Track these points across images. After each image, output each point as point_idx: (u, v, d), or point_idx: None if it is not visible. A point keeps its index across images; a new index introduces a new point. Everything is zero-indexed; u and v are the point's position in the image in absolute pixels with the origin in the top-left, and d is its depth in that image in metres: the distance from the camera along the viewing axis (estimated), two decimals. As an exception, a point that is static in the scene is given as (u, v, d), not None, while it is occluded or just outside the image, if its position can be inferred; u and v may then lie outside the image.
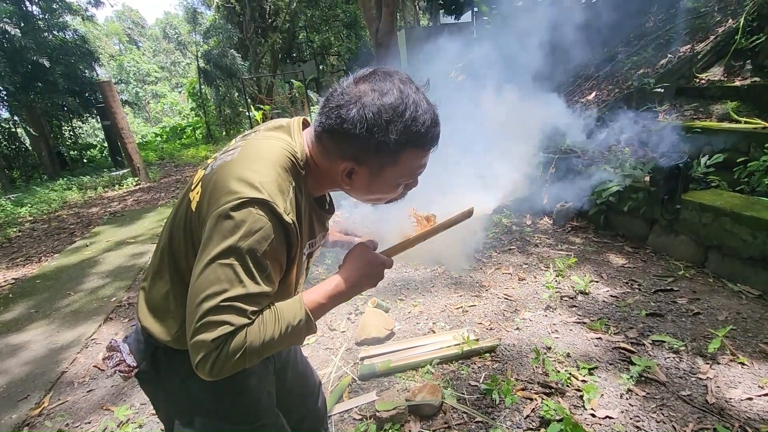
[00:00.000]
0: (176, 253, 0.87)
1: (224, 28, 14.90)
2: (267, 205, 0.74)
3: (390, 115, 0.78)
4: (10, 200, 8.25)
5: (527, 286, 2.95)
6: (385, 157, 0.82)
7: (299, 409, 1.24)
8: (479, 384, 2.04)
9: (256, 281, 0.74)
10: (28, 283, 4.08)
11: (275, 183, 0.77)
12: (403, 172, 0.86)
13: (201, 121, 15.40)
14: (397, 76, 0.82)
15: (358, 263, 0.91)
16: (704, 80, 4.34)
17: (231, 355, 0.71)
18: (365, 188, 0.89)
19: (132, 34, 35.52)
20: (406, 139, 0.80)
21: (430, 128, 0.82)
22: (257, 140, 0.86)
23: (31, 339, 2.98)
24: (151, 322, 0.91)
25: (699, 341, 2.19)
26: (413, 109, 0.79)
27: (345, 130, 0.79)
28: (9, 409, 2.26)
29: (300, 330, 0.80)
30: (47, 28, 11.70)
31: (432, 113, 0.83)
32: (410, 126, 0.79)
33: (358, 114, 0.78)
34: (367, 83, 0.80)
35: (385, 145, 0.80)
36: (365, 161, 0.83)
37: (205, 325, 0.71)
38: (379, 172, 0.85)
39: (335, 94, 0.81)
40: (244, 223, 0.72)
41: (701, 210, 2.88)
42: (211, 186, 0.79)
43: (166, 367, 0.92)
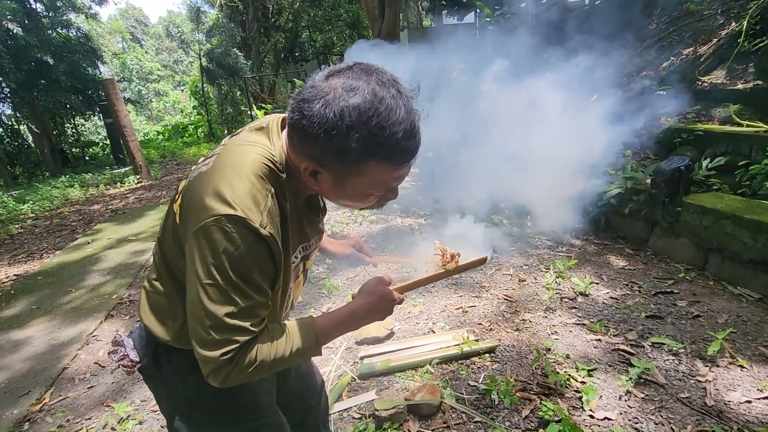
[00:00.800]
0: (169, 260, 0.88)
1: (227, 27, 14.92)
2: (241, 221, 0.71)
3: (353, 119, 0.69)
4: (13, 197, 8.27)
5: (527, 287, 2.96)
6: (347, 165, 0.74)
7: (301, 408, 1.25)
8: (478, 384, 2.04)
9: (246, 295, 0.74)
10: (29, 280, 4.10)
11: (249, 195, 0.73)
12: (371, 184, 0.78)
13: (203, 119, 15.43)
14: (376, 75, 0.73)
15: (373, 297, 0.92)
16: (707, 83, 4.34)
17: (244, 369, 0.74)
18: (332, 193, 0.83)
19: (135, 32, 35.58)
20: (371, 150, 0.71)
21: (402, 141, 0.72)
22: (233, 146, 0.82)
23: (33, 335, 2.99)
24: (152, 320, 0.92)
25: (698, 344, 2.20)
26: (384, 116, 0.70)
27: (304, 127, 0.72)
28: (10, 405, 2.27)
29: (307, 352, 0.84)
30: (51, 25, 11.74)
31: (408, 124, 0.72)
32: (376, 135, 0.70)
33: (319, 112, 0.70)
34: (339, 78, 0.72)
35: (345, 153, 0.72)
36: (327, 165, 0.76)
37: (208, 343, 0.73)
38: (343, 181, 0.78)
39: (306, 86, 0.75)
40: (221, 241, 0.71)
41: (702, 213, 2.88)
42: (188, 199, 0.78)
43: (167, 364, 0.93)
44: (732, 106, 3.83)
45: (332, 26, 18.38)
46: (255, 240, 0.73)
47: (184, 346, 0.90)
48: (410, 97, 0.76)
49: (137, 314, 0.99)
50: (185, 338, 0.89)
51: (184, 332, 0.88)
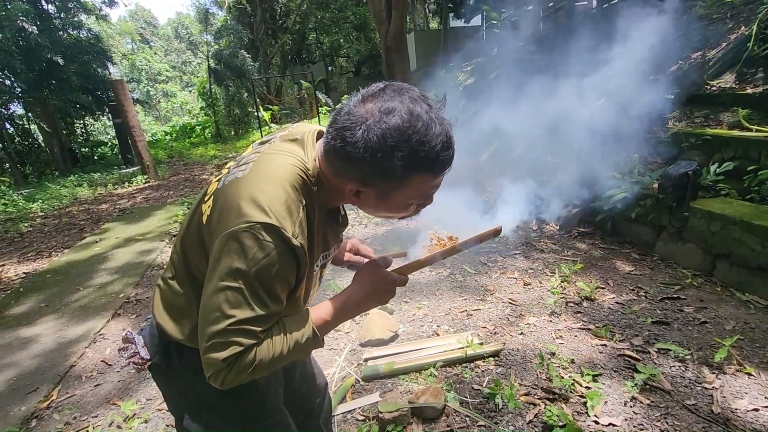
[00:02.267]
0: (190, 261, 0.89)
1: (235, 29, 15.04)
2: (275, 229, 0.73)
3: (396, 139, 0.73)
4: (22, 195, 8.38)
5: (532, 291, 2.95)
6: (392, 182, 0.79)
7: (305, 409, 1.25)
8: (482, 388, 2.04)
9: (264, 304, 0.76)
10: (38, 278, 4.15)
11: (284, 205, 0.76)
12: (413, 194, 0.83)
13: (210, 120, 15.54)
14: (408, 94, 0.76)
15: (366, 282, 0.92)
16: (715, 87, 4.31)
17: (242, 371, 0.75)
18: (374, 208, 0.87)
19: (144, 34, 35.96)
20: (414, 164, 0.76)
21: (441, 152, 0.76)
22: (269, 155, 0.84)
23: (41, 332, 3.03)
24: (166, 319, 0.93)
25: (705, 350, 2.18)
26: (423, 132, 0.74)
27: (349, 153, 0.76)
28: (18, 401, 2.30)
29: (306, 345, 0.83)
30: (62, 26, 11.91)
31: (444, 136, 0.76)
32: (418, 151, 0.74)
33: (362, 137, 0.74)
34: (374, 102, 0.76)
35: (390, 171, 0.76)
36: (372, 184, 0.80)
37: (215, 345, 0.74)
38: (387, 195, 0.82)
39: (342, 113, 0.78)
40: (252, 248, 0.72)
41: (710, 218, 2.86)
42: (221, 203, 0.79)
43: (178, 363, 0.94)
44: (741, 110, 3.80)
45: (339, 28, 18.46)
46: (285, 250, 0.75)
47: (197, 346, 0.91)
48: (440, 109, 0.79)
49: (151, 312, 1.00)
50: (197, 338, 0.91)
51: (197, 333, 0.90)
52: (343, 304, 0.90)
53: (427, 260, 0.99)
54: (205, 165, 10.36)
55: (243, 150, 3.48)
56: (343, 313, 0.90)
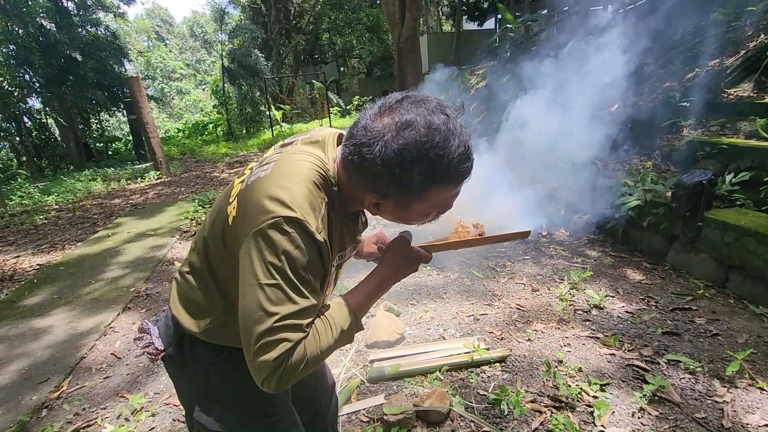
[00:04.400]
0: (212, 259, 0.90)
1: (249, 29, 15.19)
2: (300, 223, 0.74)
3: (414, 154, 0.73)
4: (38, 188, 8.56)
5: (540, 298, 2.93)
6: (410, 195, 0.79)
7: (311, 407, 1.26)
8: (488, 393, 2.03)
9: (304, 296, 0.76)
10: (52, 270, 4.22)
11: (307, 200, 0.76)
12: (432, 205, 0.83)
13: (222, 118, 15.70)
14: (425, 106, 0.75)
15: (397, 259, 0.93)
16: (733, 96, 4.24)
17: (294, 368, 0.74)
18: (393, 217, 0.88)
19: (160, 32, 36.46)
20: (433, 177, 0.76)
21: (459, 165, 0.76)
22: (290, 155, 0.85)
23: (54, 324, 3.09)
24: (182, 313, 0.95)
25: (717, 363, 2.14)
26: (441, 145, 0.73)
27: (367, 168, 0.76)
28: (30, 391, 2.35)
29: (350, 332, 0.85)
30: (81, 23, 12.13)
31: (463, 147, 0.75)
32: (436, 164, 0.74)
33: (380, 153, 0.73)
34: (391, 116, 0.75)
35: (409, 185, 0.76)
36: (390, 197, 0.80)
37: (264, 346, 0.72)
38: (407, 206, 0.82)
39: (359, 127, 0.78)
40: (281, 241, 0.73)
41: (724, 228, 2.82)
42: (245, 203, 0.80)
43: (191, 355, 0.96)
44: (759, 120, 3.73)
45: (352, 29, 18.53)
46: (311, 243, 0.76)
47: (211, 340, 0.93)
48: (458, 117, 0.78)
49: (167, 304, 1.01)
50: (213, 333, 0.92)
51: (214, 327, 0.92)
52: (377, 284, 0.90)
53: (453, 244, 1.00)
54: (216, 163, 10.47)
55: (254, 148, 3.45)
56: (379, 291, 0.91)
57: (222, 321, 0.92)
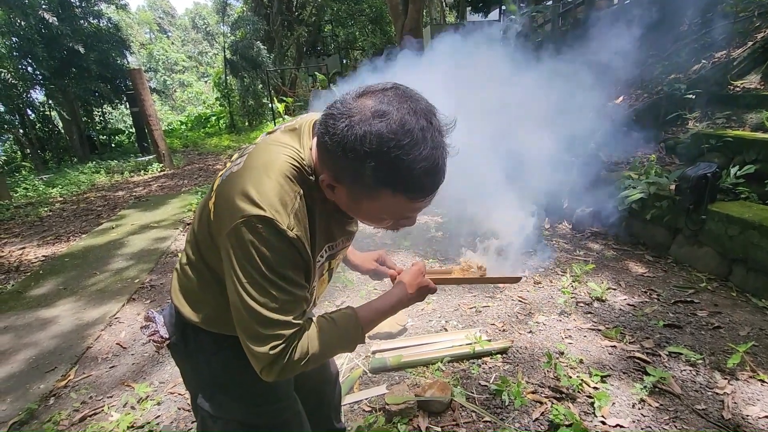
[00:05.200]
0: (203, 252, 0.91)
1: (251, 20, 15.09)
2: (269, 221, 0.73)
3: (374, 146, 0.67)
4: (42, 181, 8.59)
5: (542, 290, 2.94)
6: (361, 188, 0.75)
7: (315, 396, 1.28)
8: (489, 384, 2.04)
9: (284, 290, 0.76)
10: (57, 261, 4.26)
11: (277, 197, 0.75)
12: (383, 210, 0.79)
13: (225, 111, 15.67)
14: (410, 103, 0.70)
15: (413, 289, 0.98)
16: (739, 88, 4.20)
17: (296, 362, 0.77)
18: (347, 207, 0.83)
19: (162, 24, 36.30)
20: (385, 178, 0.71)
21: (420, 177, 0.71)
22: (263, 146, 0.84)
23: (60, 314, 3.12)
24: (182, 303, 0.97)
25: (718, 355, 2.15)
26: (407, 149, 0.68)
27: (325, 142, 0.73)
28: (38, 380, 2.38)
29: (352, 342, 0.89)
30: (83, 15, 12.09)
31: (431, 161, 0.70)
32: (393, 167, 0.69)
33: (341, 131, 0.69)
34: (371, 99, 0.71)
35: (359, 176, 0.71)
36: (342, 182, 0.76)
37: (257, 339, 0.76)
38: (358, 200, 0.78)
39: (337, 101, 0.74)
40: (253, 241, 0.73)
41: (728, 222, 2.81)
42: (220, 200, 0.80)
43: (194, 344, 0.98)
44: (765, 112, 3.70)
45: (355, 21, 18.38)
46: (283, 239, 0.75)
47: (212, 329, 0.95)
48: (441, 131, 0.73)
49: (170, 294, 1.04)
50: (213, 322, 0.94)
51: (213, 317, 0.93)
52: (390, 306, 0.95)
53: (456, 280, 1.16)
54: (219, 155, 10.47)
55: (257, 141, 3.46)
56: (388, 313, 0.95)
57: (220, 310, 0.92)
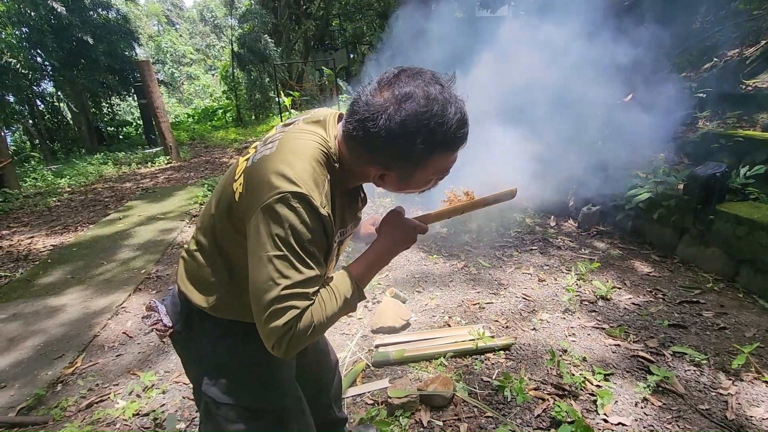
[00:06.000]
0: (219, 236, 0.93)
1: (259, 14, 15.05)
2: (305, 198, 0.77)
3: (416, 124, 0.77)
4: (51, 171, 8.67)
5: (547, 288, 2.93)
6: (414, 165, 0.84)
7: (316, 384, 1.30)
8: (492, 380, 2.05)
9: (309, 266, 0.79)
10: (65, 251, 4.31)
11: (311, 177, 0.80)
12: (433, 172, 0.88)
13: (232, 104, 15.69)
14: (421, 78, 0.80)
15: (393, 231, 0.97)
16: (751, 87, 4.14)
17: (303, 333, 0.78)
18: (396, 187, 0.92)
19: (170, 16, 36.31)
20: (434, 145, 0.80)
21: (457, 131, 0.81)
22: (294, 133, 0.88)
23: (67, 303, 3.16)
24: (191, 289, 0.98)
25: (723, 356, 2.14)
26: (440, 113, 0.78)
27: (372, 142, 0.80)
28: (46, 366, 2.42)
29: (353, 300, 0.89)
30: (92, 6, 12.10)
31: (460, 113, 0.81)
32: (436, 132, 0.78)
33: (385, 127, 0.78)
34: (390, 90, 0.79)
35: (412, 154, 0.81)
36: (394, 167, 0.85)
37: (274, 313, 0.77)
38: (409, 175, 0.87)
39: (360, 103, 0.81)
40: (288, 215, 0.77)
41: (736, 222, 2.78)
42: (252, 179, 0.83)
43: (199, 330, 1.00)
44: (777, 112, 3.65)
45: (363, 15, 18.28)
46: (316, 217, 0.79)
47: (219, 315, 0.97)
48: (450, 86, 0.82)
49: (175, 282, 1.05)
50: (221, 308, 0.95)
51: (221, 302, 0.95)
52: (376, 255, 0.95)
53: (445, 212, 1.02)
54: (225, 148, 10.51)
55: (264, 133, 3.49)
56: (377, 263, 0.95)
57: (229, 296, 0.95)
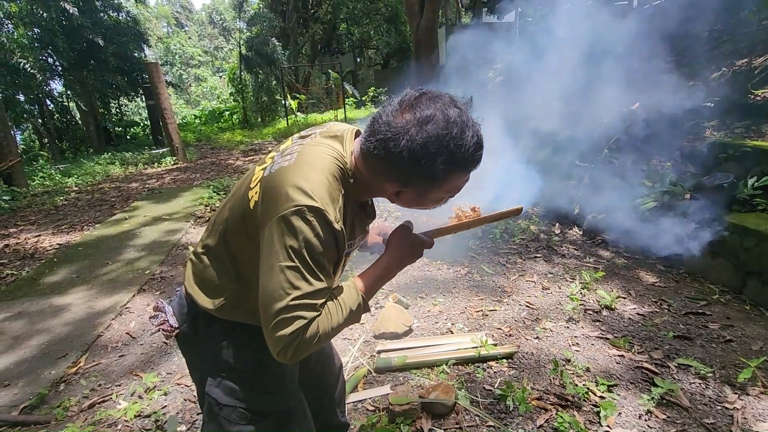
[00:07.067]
0: (230, 241, 0.95)
1: (268, 17, 15.18)
2: (320, 212, 0.80)
3: (436, 146, 0.80)
4: (59, 170, 8.76)
5: (551, 296, 2.91)
6: (432, 183, 0.87)
7: (319, 388, 1.30)
8: (494, 389, 2.04)
9: (319, 278, 0.82)
10: (71, 250, 4.34)
11: (327, 191, 0.82)
12: (448, 190, 0.91)
13: (238, 106, 15.79)
14: (441, 101, 0.83)
15: (401, 246, 1.00)
16: (759, 97, 4.11)
17: (308, 342, 0.80)
18: (411, 204, 0.95)
19: (180, 18, 36.69)
20: (452, 166, 0.84)
21: (474, 153, 0.85)
22: (312, 147, 0.90)
23: (72, 302, 3.18)
24: (197, 291, 0.99)
25: (729, 369, 2.11)
26: (459, 136, 0.81)
27: (394, 161, 0.83)
28: (49, 365, 2.43)
29: (359, 312, 0.92)
30: (103, 8, 12.28)
31: (477, 137, 0.84)
32: (456, 153, 0.82)
33: (406, 148, 0.80)
34: (412, 112, 0.82)
35: (432, 174, 0.84)
36: (412, 185, 0.88)
37: (281, 322, 0.79)
38: (425, 193, 0.90)
39: (381, 122, 0.84)
40: (302, 228, 0.79)
41: (744, 233, 2.75)
42: (269, 189, 0.85)
43: (204, 332, 1.01)
44: (786, 123, 3.62)
45: (370, 20, 18.39)
46: (330, 231, 0.82)
47: (225, 317, 0.98)
48: (467, 110, 0.86)
49: (182, 284, 1.06)
50: (227, 310, 0.97)
51: (228, 305, 0.97)
52: (383, 269, 0.97)
53: (452, 228, 1.07)
54: (231, 150, 10.56)
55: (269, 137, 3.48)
56: (384, 277, 0.98)
57: (235, 298, 0.97)
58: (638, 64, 4.11)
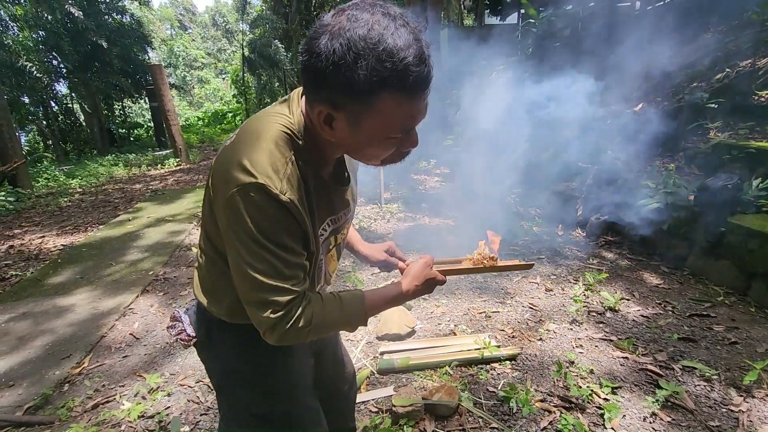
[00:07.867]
0: (212, 237, 0.92)
1: (270, 19, 15.24)
2: (262, 188, 0.74)
3: (360, 47, 0.66)
4: (63, 171, 8.81)
5: (554, 298, 2.90)
6: (359, 101, 0.71)
7: (331, 393, 1.28)
8: (497, 390, 2.03)
9: (279, 257, 0.78)
10: (75, 251, 4.36)
11: (268, 163, 0.76)
12: (386, 122, 0.75)
13: (241, 108, 15.87)
14: (381, 8, 0.71)
15: (419, 279, 0.98)
16: (764, 98, 4.09)
17: (298, 329, 0.81)
18: (350, 139, 0.79)
19: (183, 20, 36.87)
20: (379, 77, 0.68)
21: (411, 66, 0.68)
22: (252, 120, 0.86)
23: (76, 303, 3.19)
24: (203, 297, 0.99)
25: (734, 372, 2.10)
26: (392, 42, 0.67)
27: (313, 65, 0.70)
28: (53, 366, 2.44)
29: (356, 322, 0.91)
30: (107, 11, 12.36)
31: (416, 49, 0.69)
32: (383, 61, 0.67)
33: (326, 46, 0.68)
34: (346, 13, 0.71)
35: (355, 84, 0.68)
36: (340, 105, 0.73)
37: (257, 303, 0.79)
38: (358, 121, 0.75)
39: (314, 26, 0.73)
40: (247, 209, 0.75)
41: (748, 235, 2.74)
42: (216, 174, 0.82)
43: (218, 339, 1.00)
44: (791, 124, 3.60)
45: (373, 21, 18.39)
46: (276, 205, 0.76)
47: (234, 321, 0.96)
48: (418, 29, 0.72)
49: (193, 291, 1.05)
50: (233, 312, 0.95)
51: (233, 307, 0.94)
52: (396, 295, 0.96)
53: (466, 270, 1.09)
54: (234, 151, 10.58)
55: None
56: (394, 302, 0.96)
57: (236, 298, 0.92)
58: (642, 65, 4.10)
